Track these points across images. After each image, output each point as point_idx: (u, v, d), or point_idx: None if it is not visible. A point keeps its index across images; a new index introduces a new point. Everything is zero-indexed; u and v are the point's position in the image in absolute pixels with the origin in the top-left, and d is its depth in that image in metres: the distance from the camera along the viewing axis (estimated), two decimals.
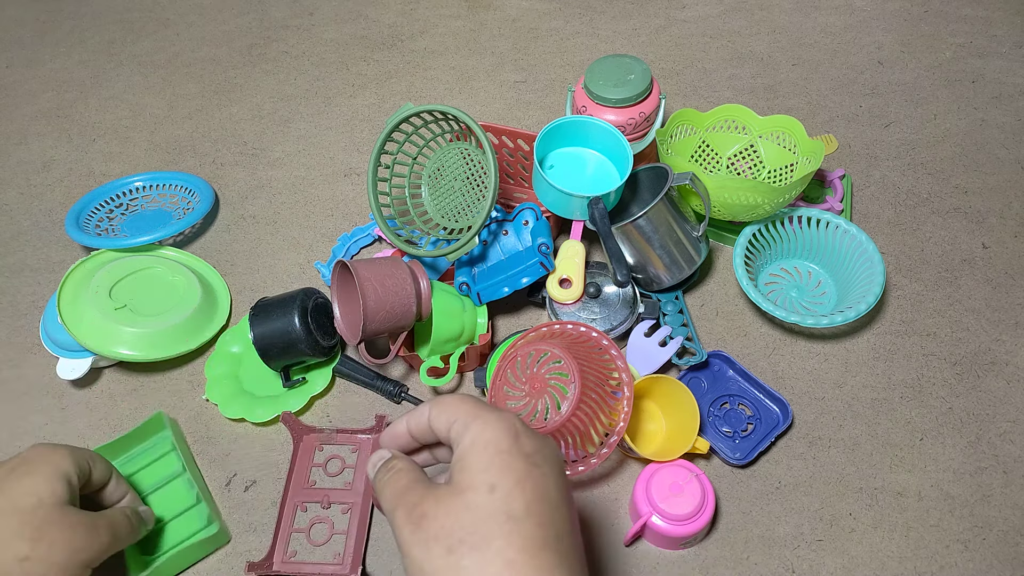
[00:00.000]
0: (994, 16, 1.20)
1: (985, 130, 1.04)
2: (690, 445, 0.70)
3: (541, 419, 0.65)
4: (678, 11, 1.25)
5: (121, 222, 0.98)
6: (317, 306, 0.79)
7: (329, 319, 0.80)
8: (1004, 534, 0.70)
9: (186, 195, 1.01)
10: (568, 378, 0.65)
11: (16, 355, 0.88)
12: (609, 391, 0.68)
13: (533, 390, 0.67)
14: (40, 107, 1.18)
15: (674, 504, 0.66)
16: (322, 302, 0.81)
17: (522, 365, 0.68)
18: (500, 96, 1.13)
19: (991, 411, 0.78)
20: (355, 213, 0.98)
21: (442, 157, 0.84)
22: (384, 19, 1.28)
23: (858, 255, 0.83)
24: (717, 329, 0.85)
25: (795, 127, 0.87)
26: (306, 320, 0.76)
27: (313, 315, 0.78)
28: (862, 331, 0.84)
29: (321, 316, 0.79)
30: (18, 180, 1.07)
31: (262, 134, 1.10)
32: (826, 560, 0.69)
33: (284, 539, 0.71)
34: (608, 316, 0.80)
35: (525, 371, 0.67)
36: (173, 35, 1.28)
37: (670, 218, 0.77)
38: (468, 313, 0.78)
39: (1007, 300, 0.86)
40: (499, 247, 0.85)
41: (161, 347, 0.81)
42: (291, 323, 0.76)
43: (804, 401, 0.79)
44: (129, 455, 0.76)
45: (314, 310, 0.78)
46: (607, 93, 0.84)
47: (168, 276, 0.87)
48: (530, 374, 0.67)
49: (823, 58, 1.16)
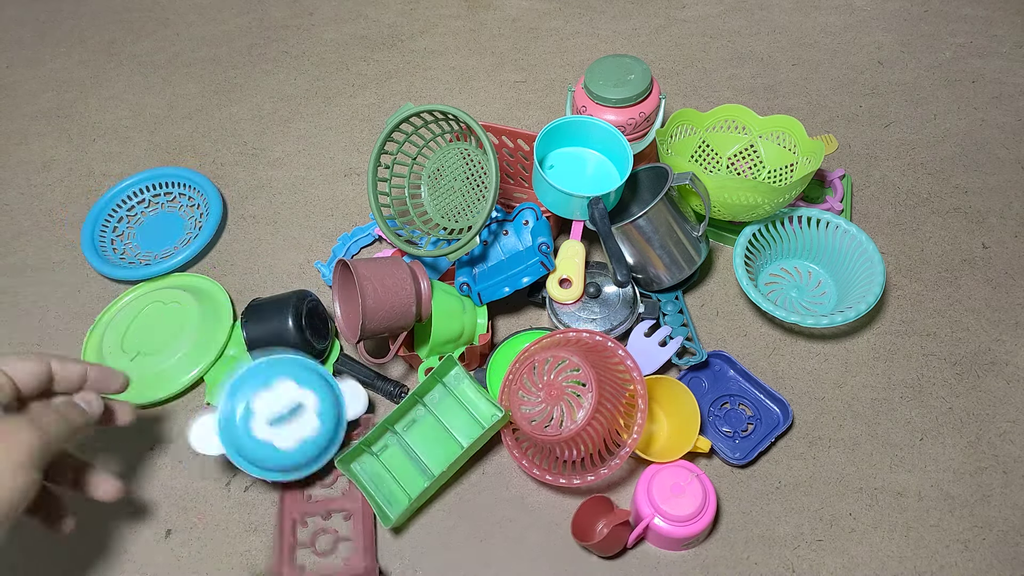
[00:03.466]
0: (994, 16, 1.20)
1: (985, 130, 1.04)
2: (691, 445, 0.70)
3: (556, 426, 0.65)
4: (678, 11, 1.25)
5: (134, 232, 0.99)
6: (310, 309, 0.79)
7: (322, 322, 0.80)
8: (1004, 534, 0.70)
9: (191, 194, 1.01)
10: (586, 387, 0.64)
11: None
12: (624, 403, 0.68)
13: (549, 396, 0.66)
14: (40, 107, 1.18)
15: (676, 505, 0.66)
16: (315, 305, 0.80)
17: (539, 371, 0.67)
18: (500, 96, 1.13)
19: (991, 411, 0.78)
20: (355, 213, 0.98)
21: (442, 157, 0.84)
22: (384, 19, 1.28)
23: (858, 255, 0.83)
24: (717, 329, 0.85)
25: (795, 127, 0.87)
26: (300, 323, 0.76)
27: (307, 318, 0.77)
28: (862, 331, 0.84)
29: (314, 319, 0.79)
30: (18, 180, 1.07)
31: (262, 134, 1.10)
32: (826, 560, 0.69)
33: (290, 555, 0.69)
34: (608, 316, 0.80)
35: (543, 377, 0.67)
36: (173, 35, 1.28)
37: (670, 218, 0.77)
38: (468, 313, 0.78)
39: (1007, 300, 0.86)
40: (499, 247, 0.85)
41: (182, 373, 0.81)
42: (285, 326, 0.75)
43: (804, 401, 0.79)
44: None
45: (307, 313, 0.78)
46: (607, 93, 0.84)
47: (166, 305, 0.86)
48: (547, 380, 0.67)
49: (823, 58, 1.16)
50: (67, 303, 0.92)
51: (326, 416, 0.69)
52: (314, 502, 0.73)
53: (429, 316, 0.75)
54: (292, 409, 0.69)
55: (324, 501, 0.73)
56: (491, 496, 0.74)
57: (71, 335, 0.89)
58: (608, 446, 0.67)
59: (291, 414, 0.69)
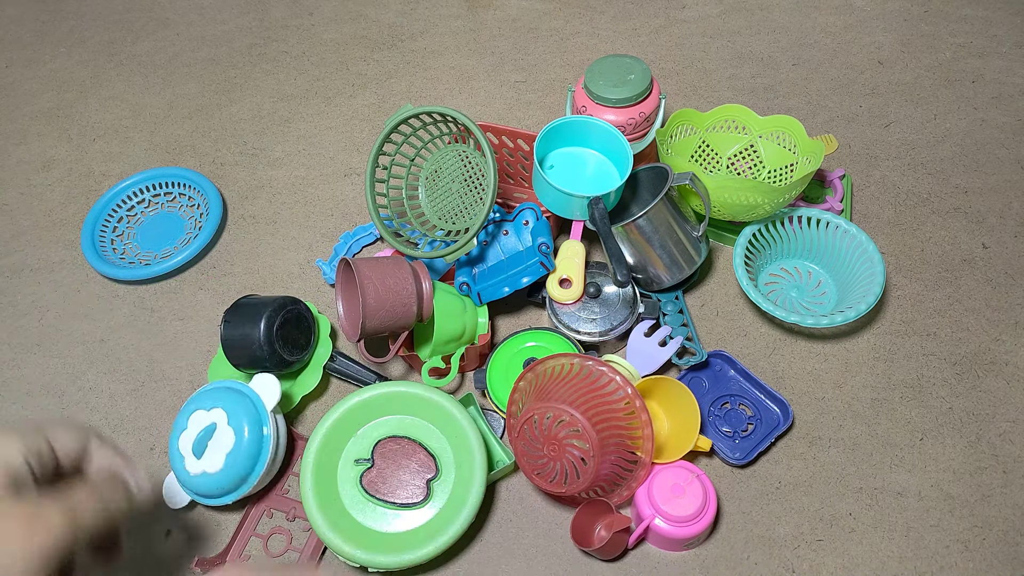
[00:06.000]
0: (994, 16, 1.20)
1: (985, 130, 1.04)
2: (691, 445, 0.70)
3: (560, 483, 0.64)
4: (678, 11, 1.25)
5: (134, 232, 0.99)
6: (289, 319, 0.76)
7: (302, 332, 0.78)
8: (1004, 534, 0.70)
9: (191, 194, 1.01)
10: (588, 449, 0.62)
11: (16, 355, 0.88)
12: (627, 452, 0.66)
13: (552, 453, 0.64)
14: (40, 107, 1.18)
15: (676, 506, 0.66)
16: (297, 315, 0.78)
17: (539, 424, 0.64)
18: (500, 96, 1.13)
19: (991, 411, 0.78)
20: (355, 213, 0.98)
21: (440, 159, 0.84)
22: (384, 19, 1.28)
23: (858, 255, 0.83)
24: (717, 329, 0.85)
25: (795, 127, 0.87)
26: (271, 333, 0.74)
27: (282, 328, 0.75)
28: (862, 331, 0.84)
29: (293, 330, 0.77)
30: (18, 180, 1.07)
31: (262, 134, 1.10)
32: (826, 560, 0.69)
33: (243, 541, 0.72)
34: (608, 316, 0.80)
35: (543, 431, 0.64)
36: (173, 35, 1.28)
37: (670, 218, 0.77)
38: (469, 313, 0.78)
39: (1007, 300, 0.86)
40: (499, 247, 0.85)
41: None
42: (254, 335, 0.74)
43: (804, 401, 0.79)
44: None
45: (285, 324, 0.75)
46: (607, 93, 0.84)
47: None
48: (547, 435, 0.64)
49: (823, 58, 1.16)
50: (67, 303, 0.92)
51: (238, 423, 0.69)
52: (287, 499, 0.74)
53: (431, 316, 0.75)
54: (205, 430, 0.69)
55: (296, 503, 0.74)
56: (490, 496, 0.74)
57: (71, 335, 0.89)
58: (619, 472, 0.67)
59: (206, 436, 0.69)
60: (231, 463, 0.68)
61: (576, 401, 0.64)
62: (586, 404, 0.64)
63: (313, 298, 0.89)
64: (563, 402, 0.63)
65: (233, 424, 0.69)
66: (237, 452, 0.68)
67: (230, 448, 0.68)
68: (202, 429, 0.70)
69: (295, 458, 0.77)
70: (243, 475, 0.69)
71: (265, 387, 0.72)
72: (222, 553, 0.70)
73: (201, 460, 0.69)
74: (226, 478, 0.68)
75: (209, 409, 0.70)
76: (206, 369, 0.84)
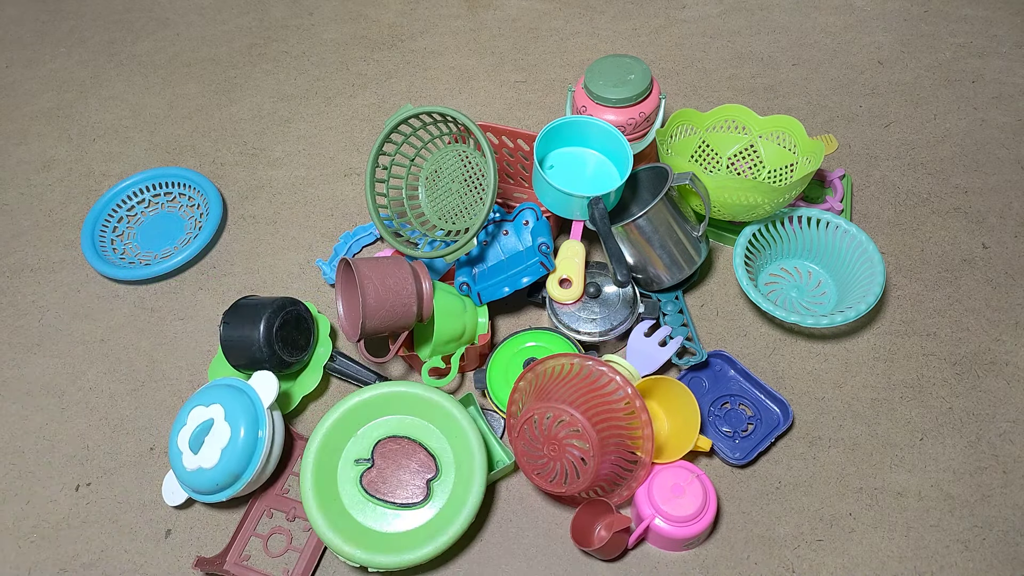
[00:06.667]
0: (994, 16, 1.20)
1: (985, 130, 1.04)
2: (691, 445, 0.70)
3: (560, 482, 0.65)
4: (678, 11, 1.25)
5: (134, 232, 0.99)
6: (289, 320, 0.76)
7: (301, 333, 0.78)
8: (1004, 534, 0.70)
9: (191, 194, 1.01)
10: (588, 449, 0.62)
11: (16, 355, 0.88)
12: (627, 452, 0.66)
13: (552, 452, 0.64)
14: (40, 107, 1.18)
15: (676, 506, 0.66)
16: (297, 315, 0.78)
17: (539, 424, 0.64)
18: (500, 96, 1.13)
19: (991, 411, 0.78)
20: (355, 213, 0.98)
21: (440, 159, 0.84)
22: (384, 19, 1.28)
23: (858, 255, 0.83)
24: (717, 329, 0.85)
25: (795, 127, 0.87)
26: (271, 335, 0.74)
27: (281, 330, 0.75)
28: (862, 331, 0.84)
29: (292, 331, 0.77)
30: (18, 180, 1.07)
31: (262, 134, 1.10)
32: (826, 560, 0.69)
33: (243, 540, 0.72)
34: (608, 316, 0.80)
35: (543, 430, 0.64)
36: (173, 35, 1.28)
37: (670, 218, 0.77)
38: (469, 313, 0.78)
39: (1007, 300, 0.86)
40: (499, 247, 0.85)
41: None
42: (254, 336, 0.74)
43: (804, 401, 0.79)
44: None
45: (284, 325, 0.76)
46: (607, 93, 0.84)
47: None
48: (547, 435, 0.64)
49: (823, 58, 1.16)
50: (67, 303, 0.92)
51: (234, 419, 0.69)
52: (287, 499, 0.74)
53: (431, 316, 0.75)
54: (202, 426, 0.70)
55: (296, 503, 0.74)
56: (490, 496, 0.74)
57: (71, 335, 0.89)
58: (619, 472, 0.67)
59: (203, 431, 0.69)
60: (226, 458, 0.68)
61: (576, 401, 0.64)
62: (586, 404, 0.64)
63: (313, 298, 0.89)
64: (563, 402, 0.63)
65: (229, 420, 0.69)
66: (232, 447, 0.68)
67: (225, 443, 0.68)
68: (199, 424, 0.70)
69: (295, 458, 0.77)
70: (238, 471, 0.69)
71: (263, 384, 0.72)
72: (222, 553, 0.70)
73: (198, 455, 0.69)
74: (221, 473, 0.68)
75: (208, 405, 0.71)
76: (206, 369, 0.84)
